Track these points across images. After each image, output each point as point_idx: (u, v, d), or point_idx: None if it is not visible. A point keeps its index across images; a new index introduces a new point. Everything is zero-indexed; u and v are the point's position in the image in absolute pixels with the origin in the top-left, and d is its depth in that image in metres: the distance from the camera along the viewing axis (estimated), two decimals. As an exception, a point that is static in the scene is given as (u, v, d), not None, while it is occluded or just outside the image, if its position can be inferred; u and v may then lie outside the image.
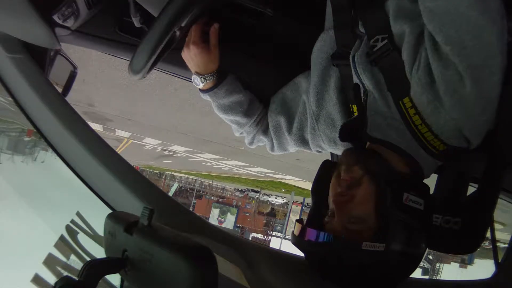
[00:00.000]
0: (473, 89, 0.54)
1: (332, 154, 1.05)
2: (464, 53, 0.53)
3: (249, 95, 0.91)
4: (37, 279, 0.95)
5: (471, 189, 0.65)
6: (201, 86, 0.85)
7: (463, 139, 0.60)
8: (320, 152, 0.89)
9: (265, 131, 0.93)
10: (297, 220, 0.65)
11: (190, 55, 0.81)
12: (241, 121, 0.91)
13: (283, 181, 14.79)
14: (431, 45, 0.56)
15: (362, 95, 0.69)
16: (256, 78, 0.97)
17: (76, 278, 0.37)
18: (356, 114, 0.74)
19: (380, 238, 0.57)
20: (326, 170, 0.69)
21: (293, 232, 0.64)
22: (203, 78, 0.83)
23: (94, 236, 0.90)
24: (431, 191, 0.66)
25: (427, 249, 0.64)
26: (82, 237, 0.90)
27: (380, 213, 0.59)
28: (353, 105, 0.75)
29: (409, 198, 0.59)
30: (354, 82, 0.71)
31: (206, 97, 0.88)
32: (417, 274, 0.64)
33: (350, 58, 0.69)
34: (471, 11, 0.51)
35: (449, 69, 0.55)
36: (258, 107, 0.92)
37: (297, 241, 0.61)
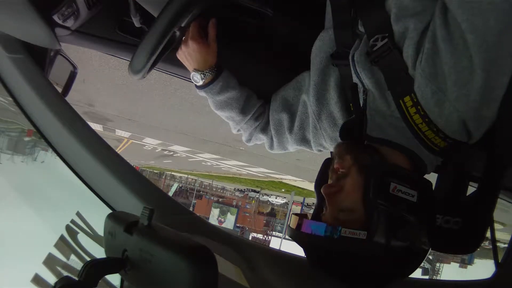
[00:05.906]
0: (483, 83, 0.54)
1: (331, 153, 1.05)
2: (485, 47, 0.52)
3: (246, 91, 0.91)
4: (37, 279, 0.95)
5: (471, 189, 0.65)
6: (201, 82, 0.85)
7: (465, 132, 0.60)
8: (321, 151, 0.89)
9: (264, 129, 0.93)
10: (294, 214, 0.65)
11: (189, 52, 0.81)
12: (237, 118, 0.91)
13: (283, 181, 14.78)
14: (445, 35, 0.55)
15: (362, 94, 0.69)
16: (256, 77, 0.97)
17: (76, 278, 0.37)
18: None
19: (368, 228, 0.57)
20: (327, 167, 0.70)
21: (289, 224, 0.64)
22: (203, 74, 0.84)
23: (94, 236, 0.90)
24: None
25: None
26: (82, 237, 0.90)
27: (365, 203, 0.59)
28: None
29: (397, 189, 0.58)
30: (353, 81, 0.71)
31: (202, 93, 0.88)
32: (417, 274, 0.64)
33: (350, 58, 0.69)
34: (504, 4, 0.51)
35: (463, 60, 0.54)
36: (254, 104, 0.91)
37: (291, 232, 0.62)
